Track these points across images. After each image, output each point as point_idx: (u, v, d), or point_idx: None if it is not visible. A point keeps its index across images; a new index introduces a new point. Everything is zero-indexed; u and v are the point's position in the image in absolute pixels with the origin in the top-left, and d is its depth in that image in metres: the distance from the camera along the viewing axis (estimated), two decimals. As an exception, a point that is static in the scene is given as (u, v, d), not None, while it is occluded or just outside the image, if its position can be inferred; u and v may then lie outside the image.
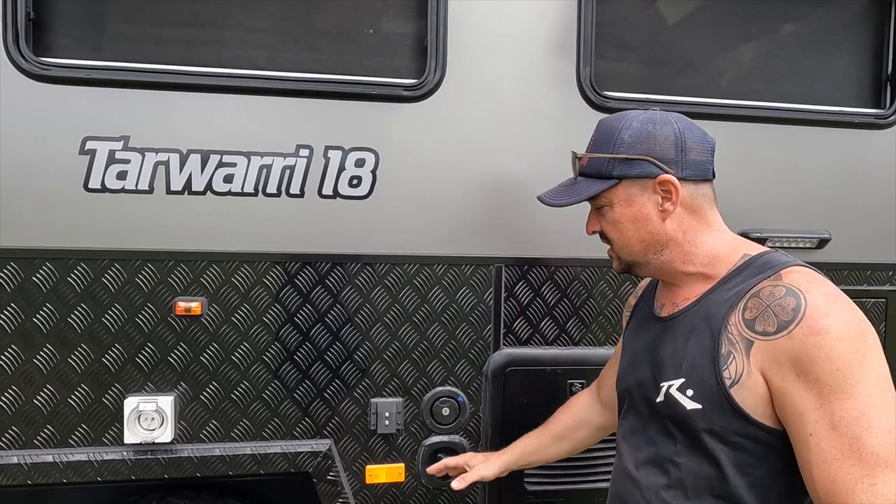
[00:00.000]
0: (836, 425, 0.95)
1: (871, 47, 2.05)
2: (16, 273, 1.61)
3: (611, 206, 1.21)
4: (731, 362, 1.06)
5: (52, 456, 1.65)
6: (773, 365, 1.01)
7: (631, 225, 1.20)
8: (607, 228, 1.24)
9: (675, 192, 1.15)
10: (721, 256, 1.17)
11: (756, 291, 1.07)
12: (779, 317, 1.02)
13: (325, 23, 1.74)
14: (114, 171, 1.62)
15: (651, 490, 1.17)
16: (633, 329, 1.36)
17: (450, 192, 1.78)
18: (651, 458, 1.18)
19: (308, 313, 1.74)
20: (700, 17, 1.96)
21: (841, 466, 0.94)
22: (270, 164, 1.69)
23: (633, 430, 1.25)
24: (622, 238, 1.22)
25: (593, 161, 1.21)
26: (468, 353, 1.83)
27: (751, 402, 1.04)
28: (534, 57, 1.81)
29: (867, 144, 2.01)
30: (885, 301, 2.02)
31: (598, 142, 1.22)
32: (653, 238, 1.19)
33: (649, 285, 1.41)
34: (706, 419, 1.07)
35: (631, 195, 1.18)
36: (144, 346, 1.67)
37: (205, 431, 1.72)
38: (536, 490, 1.84)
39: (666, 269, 1.22)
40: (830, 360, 0.96)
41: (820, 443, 0.96)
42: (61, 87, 1.60)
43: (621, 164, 1.18)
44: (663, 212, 1.17)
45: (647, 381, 1.21)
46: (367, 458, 1.80)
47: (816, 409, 0.96)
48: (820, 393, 0.96)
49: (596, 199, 1.23)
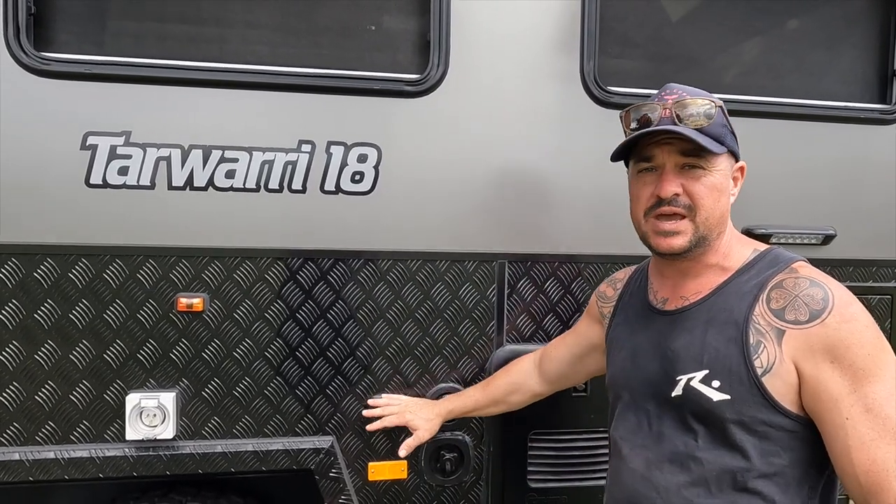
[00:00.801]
0: (871, 407, 0.99)
1: (876, 43, 2.04)
2: (17, 269, 1.60)
3: (711, 172, 1.15)
4: (763, 351, 1.07)
5: (54, 452, 1.64)
6: (806, 353, 1.04)
7: (722, 197, 1.17)
8: (699, 192, 1.15)
9: (741, 181, 1.21)
10: (734, 250, 1.20)
11: (778, 283, 1.11)
12: (810, 306, 1.05)
13: (327, 18, 1.73)
14: (115, 166, 1.62)
15: (670, 490, 1.14)
16: (625, 323, 1.34)
17: (453, 188, 1.77)
18: (666, 456, 1.16)
19: (310, 310, 1.74)
20: (704, 12, 1.95)
21: (879, 446, 0.97)
22: (272, 160, 1.68)
23: (636, 428, 1.23)
24: (712, 206, 1.15)
25: (718, 121, 1.15)
26: (471, 350, 1.82)
27: (780, 391, 1.06)
28: (537, 52, 1.80)
29: (872, 140, 2.00)
30: (889, 298, 2.01)
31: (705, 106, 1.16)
32: (725, 217, 1.19)
33: (634, 277, 1.39)
34: (735, 409, 1.08)
35: (726, 168, 1.18)
36: (146, 342, 1.66)
37: (207, 428, 1.71)
38: (539, 487, 1.83)
39: (702, 257, 1.20)
40: (863, 345, 1.01)
41: (857, 426, 0.99)
42: (62, 82, 1.59)
43: (731, 137, 1.18)
44: (732, 195, 1.20)
45: (657, 376, 1.19)
46: (370, 455, 1.80)
47: (851, 394, 1.00)
48: (854, 377, 1.00)
49: (707, 160, 1.15)
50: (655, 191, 1.16)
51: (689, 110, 1.14)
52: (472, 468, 1.84)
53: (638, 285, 1.36)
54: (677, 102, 1.15)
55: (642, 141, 1.19)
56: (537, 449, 1.83)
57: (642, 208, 1.20)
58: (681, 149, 1.15)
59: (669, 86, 1.22)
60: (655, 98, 1.21)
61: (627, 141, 1.20)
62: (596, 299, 1.52)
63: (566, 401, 1.82)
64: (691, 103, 1.14)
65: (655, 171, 1.18)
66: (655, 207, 1.17)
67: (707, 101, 1.15)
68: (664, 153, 1.16)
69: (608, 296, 1.46)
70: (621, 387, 1.29)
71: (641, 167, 1.21)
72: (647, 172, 1.20)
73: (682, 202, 1.15)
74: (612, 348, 1.37)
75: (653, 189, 1.17)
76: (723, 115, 1.17)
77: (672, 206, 1.15)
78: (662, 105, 1.16)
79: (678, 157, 1.15)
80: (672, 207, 1.15)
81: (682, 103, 1.15)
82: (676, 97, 1.17)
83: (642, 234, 1.22)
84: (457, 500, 1.84)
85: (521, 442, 1.82)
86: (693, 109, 1.14)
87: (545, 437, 1.84)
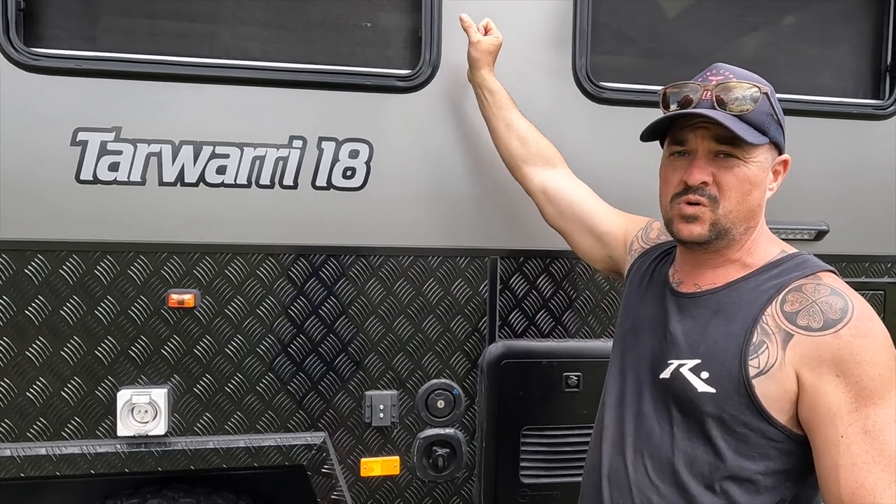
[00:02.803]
0: (869, 430, 0.95)
1: (870, 38, 2.03)
2: (7, 265, 1.60)
3: (746, 163, 1.08)
4: (763, 352, 1.03)
5: (45, 449, 1.64)
6: (811, 361, 1.00)
7: (755, 190, 1.10)
8: (730, 183, 1.08)
9: (783, 175, 1.16)
10: (761, 248, 1.15)
11: (798, 286, 1.06)
12: (826, 314, 1.00)
13: (318, 13, 1.73)
14: (106, 162, 1.61)
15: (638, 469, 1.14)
16: (639, 289, 1.29)
17: (444, 184, 1.77)
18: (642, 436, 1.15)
19: (302, 306, 1.73)
20: (697, 7, 1.94)
21: (870, 471, 0.94)
22: (264, 156, 1.68)
23: (620, 397, 1.22)
24: (739, 200, 1.09)
25: (762, 109, 1.08)
26: (463, 346, 1.82)
27: (772, 396, 1.02)
28: (530, 48, 1.80)
29: (866, 135, 1.99)
30: (883, 293, 2.01)
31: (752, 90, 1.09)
32: (755, 212, 1.12)
33: (665, 249, 1.31)
34: (717, 405, 1.05)
35: (765, 161, 1.11)
36: (137, 338, 1.66)
37: (198, 424, 1.71)
38: (532, 483, 1.83)
39: (724, 251, 1.14)
40: (875, 364, 0.96)
41: (851, 446, 0.95)
42: (53, 77, 1.58)
43: (776, 127, 1.11)
44: (769, 190, 1.15)
45: (652, 354, 1.18)
46: (362, 451, 1.80)
47: (851, 412, 0.96)
48: (858, 396, 0.96)
49: (744, 149, 1.08)
50: (684, 177, 1.10)
51: (732, 94, 1.07)
52: (465, 464, 1.84)
53: (665, 259, 1.30)
54: (720, 85, 1.08)
55: (678, 122, 1.12)
56: (530, 444, 1.83)
57: (670, 193, 1.14)
58: (716, 135, 1.07)
59: (716, 65, 1.14)
60: (700, 77, 1.14)
61: (658, 121, 1.13)
62: (633, 241, 1.43)
63: (559, 396, 1.82)
64: (735, 87, 1.08)
65: (688, 155, 1.12)
66: (682, 194, 1.11)
67: (752, 86, 1.08)
68: (698, 138, 1.09)
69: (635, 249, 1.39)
70: (620, 349, 1.28)
71: (674, 150, 1.15)
72: (679, 157, 1.13)
73: (708, 192, 1.09)
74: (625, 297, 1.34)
75: (682, 175, 1.11)
76: (768, 102, 1.09)
77: (698, 195, 1.09)
78: (704, 86, 1.10)
79: (712, 143, 1.08)
80: (698, 196, 1.09)
81: (726, 86, 1.08)
82: (722, 78, 1.10)
83: (667, 219, 1.16)
84: (449, 495, 1.84)
85: (514, 437, 1.82)
86: (736, 93, 1.07)
87: (538, 432, 1.83)
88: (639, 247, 1.39)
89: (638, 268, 1.34)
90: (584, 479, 1.31)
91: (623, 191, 1.67)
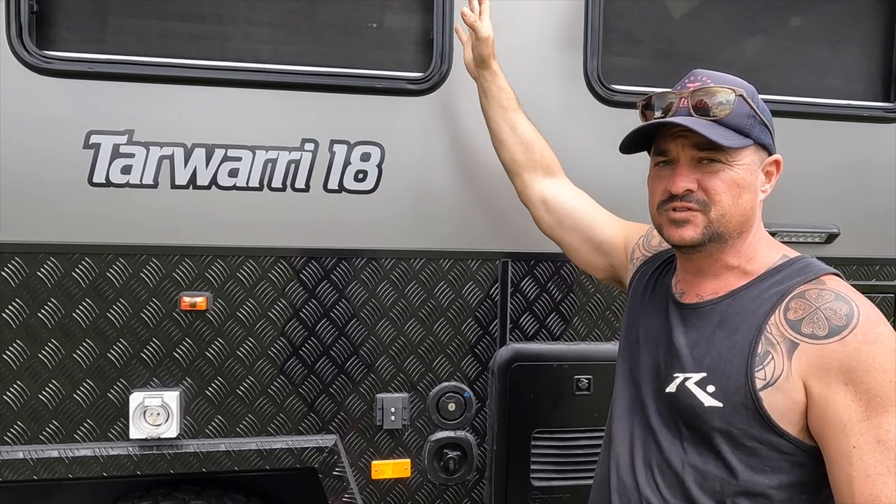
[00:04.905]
0: (883, 440, 0.92)
1: (879, 40, 2.03)
2: (20, 268, 1.60)
3: (731, 167, 1.06)
4: (769, 363, 1.01)
5: (58, 451, 1.64)
6: (818, 370, 0.97)
7: (744, 193, 1.07)
8: (716, 187, 1.06)
9: (776, 176, 1.13)
10: (760, 253, 1.12)
11: (801, 292, 1.03)
12: (830, 321, 0.98)
13: (330, 15, 1.73)
14: (118, 165, 1.61)
15: (649, 485, 1.12)
16: (642, 299, 1.27)
17: (456, 187, 1.77)
18: (651, 450, 1.13)
19: (313, 308, 1.73)
20: (707, 9, 1.94)
21: (886, 482, 0.91)
22: (275, 159, 1.68)
23: (627, 409, 1.20)
24: (731, 203, 1.07)
25: (740, 111, 1.06)
26: (474, 349, 1.82)
27: (781, 408, 1.00)
28: (540, 50, 1.80)
29: (876, 138, 1.99)
30: (893, 296, 2.01)
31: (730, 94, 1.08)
32: (748, 215, 1.09)
33: (667, 257, 1.30)
34: (724, 419, 1.03)
35: (752, 163, 1.09)
36: (150, 341, 1.66)
37: (210, 427, 1.71)
38: (543, 486, 1.83)
39: (720, 256, 1.12)
40: (884, 370, 0.93)
41: (864, 456, 0.93)
42: (65, 80, 1.59)
43: (760, 128, 1.09)
44: (762, 192, 1.12)
45: (657, 367, 1.16)
46: (373, 454, 1.80)
47: (862, 421, 0.93)
48: (868, 404, 0.93)
49: (727, 153, 1.06)
50: (667, 185, 1.10)
51: (708, 99, 1.06)
52: (476, 467, 1.84)
53: (667, 268, 1.28)
54: (696, 91, 1.08)
55: (660, 132, 1.12)
56: (540, 447, 1.83)
57: (656, 201, 1.13)
58: (695, 142, 1.07)
59: (695, 72, 1.13)
60: (678, 85, 1.13)
61: (630, 134, 1.13)
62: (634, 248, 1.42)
63: (570, 399, 1.82)
64: (710, 92, 1.07)
65: (671, 164, 1.11)
66: (668, 202, 1.10)
67: (728, 89, 1.07)
68: (679, 147, 1.09)
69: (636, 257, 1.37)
70: (625, 361, 1.26)
71: (658, 160, 1.14)
72: (663, 166, 1.13)
73: (696, 198, 1.07)
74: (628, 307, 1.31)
75: (666, 184, 1.10)
76: (746, 103, 1.07)
77: (684, 202, 1.08)
78: (680, 94, 1.09)
79: (693, 150, 1.07)
80: (684, 203, 1.08)
81: (702, 91, 1.07)
82: (699, 84, 1.09)
83: (658, 226, 1.16)
84: (460, 498, 1.84)
85: (525, 440, 1.82)
86: (712, 98, 1.06)
87: (548, 435, 1.83)
88: (640, 254, 1.37)
89: (640, 277, 1.32)
90: (594, 492, 1.29)
91: (632, 194, 1.66)
